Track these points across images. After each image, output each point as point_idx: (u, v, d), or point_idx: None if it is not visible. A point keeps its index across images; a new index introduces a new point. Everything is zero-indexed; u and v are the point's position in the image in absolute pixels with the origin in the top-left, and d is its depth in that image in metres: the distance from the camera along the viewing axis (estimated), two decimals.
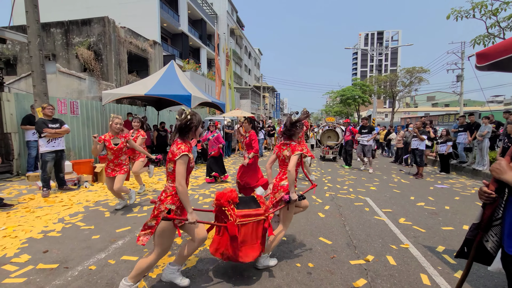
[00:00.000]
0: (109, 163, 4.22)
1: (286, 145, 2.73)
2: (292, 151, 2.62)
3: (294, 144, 2.68)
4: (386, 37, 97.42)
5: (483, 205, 1.79)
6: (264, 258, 2.64)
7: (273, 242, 2.66)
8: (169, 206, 2.10)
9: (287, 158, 2.69)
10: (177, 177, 2.07)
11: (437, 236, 3.54)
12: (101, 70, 10.79)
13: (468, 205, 5.02)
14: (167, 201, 2.12)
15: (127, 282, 2.14)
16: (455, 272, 2.65)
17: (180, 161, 2.07)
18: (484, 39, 6.44)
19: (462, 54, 22.15)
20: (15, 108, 6.70)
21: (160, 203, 2.13)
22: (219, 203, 2.42)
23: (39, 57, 5.76)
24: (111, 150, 4.13)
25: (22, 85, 9.66)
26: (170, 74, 8.60)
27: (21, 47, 11.10)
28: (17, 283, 2.37)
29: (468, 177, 7.94)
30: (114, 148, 4.14)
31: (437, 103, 55.65)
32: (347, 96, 29.36)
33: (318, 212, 4.42)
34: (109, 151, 4.14)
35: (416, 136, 7.80)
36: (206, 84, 19.42)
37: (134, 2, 19.00)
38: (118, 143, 4.18)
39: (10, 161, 6.73)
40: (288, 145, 2.71)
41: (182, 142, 2.16)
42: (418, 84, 22.71)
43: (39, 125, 5.05)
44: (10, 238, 3.27)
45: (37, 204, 4.63)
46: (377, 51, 24.80)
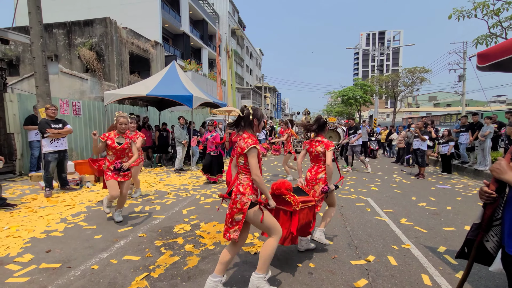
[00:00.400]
0: (109, 164, 3.75)
1: (319, 142, 3.11)
2: (326, 147, 3.05)
3: (327, 140, 3.09)
4: (387, 37, 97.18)
5: (483, 205, 1.80)
6: (320, 231, 3.01)
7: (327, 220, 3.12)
8: (250, 197, 2.19)
9: (320, 154, 3.09)
10: (252, 170, 2.17)
11: (439, 237, 3.54)
12: (103, 71, 10.84)
13: (470, 205, 5.00)
14: (247, 193, 2.20)
15: (258, 275, 2.21)
16: (456, 273, 2.65)
17: (251, 154, 2.17)
18: (486, 39, 6.42)
19: (464, 54, 22.08)
20: (18, 109, 6.74)
21: (241, 196, 2.19)
22: (280, 191, 2.61)
23: (42, 57, 5.80)
24: (113, 149, 3.72)
25: (25, 85, 9.72)
26: (171, 74, 8.63)
27: (24, 48, 11.17)
28: (20, 282, 2.39)
29: (470, 177, 7.91)
30: (117, 148, 3.73)
31: (439, 103, 55.44)
32: (348, 96, 29.33)
33: (320, 212, 4.42)
34: (110, 150, 3.74)
35: (418, 137, 7.78)
36: (208, 85, 19.45)
37: (136, 2, 19.07)
38: (122, 142, 3.80)
39: (13, 161, 6.78)
40: (321, 142, 3.10)
41: (249, 135, 2.24)
42: (419, 84, 22.64)
43: (42, 125, 5.09)
44: (13, 237, 3.30)
45: (40, 204, 4.66)
46: (379, 51, 24.76)
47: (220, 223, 3.91)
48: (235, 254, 2.31)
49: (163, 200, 5.05)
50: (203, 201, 5.06)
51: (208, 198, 5.25)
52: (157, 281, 2.45)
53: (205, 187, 6.15)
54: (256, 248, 3.09)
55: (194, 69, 19.06)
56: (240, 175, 2.26)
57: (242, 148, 2.18)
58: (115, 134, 3.80)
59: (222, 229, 3.66)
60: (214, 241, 3.28)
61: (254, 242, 3.28)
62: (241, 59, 38.23)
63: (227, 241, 3.26)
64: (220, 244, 3.20)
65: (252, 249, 3.06)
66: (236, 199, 2.19)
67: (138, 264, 2.72)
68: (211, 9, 30.49)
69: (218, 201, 5.07)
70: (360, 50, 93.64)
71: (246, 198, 2.17)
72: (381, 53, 24.80)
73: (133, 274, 2.53)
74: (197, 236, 3.44)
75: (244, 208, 2.16)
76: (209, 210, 4.51)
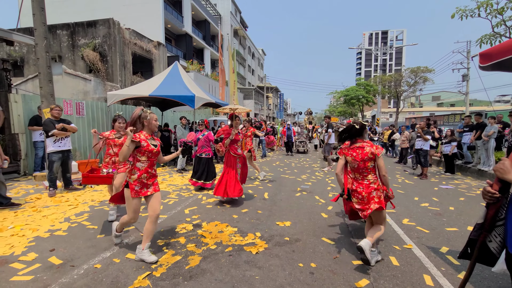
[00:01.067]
0: (140, 174, 2.82)
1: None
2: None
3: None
4: (390, 37, 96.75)
5: (486, 205, 1.79)
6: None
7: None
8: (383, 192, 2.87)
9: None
10: (383, 169, 2.77)
11: (441, 237, 3.52)
12: (106, 71, 10.91)
13: (473, 206, 4.97)
14: (381, 188, 2.86)
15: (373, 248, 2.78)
16: (458, 273, 2.64)
17: (381, 157, 2.80)
18: (490, 38, 6.38)
19: (468, 53, 21.91)
20: (22, 109, 6.81)
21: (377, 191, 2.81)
22: None
23: (46, 58, 5.86)
24: (149, 153, 2.85)
25: (29, 86, 9.82)
26: (174, 75, 8.66)
27: (28, 49, 11.28)
28: (25, 281, 2.42)
29: (474, 177, 7.85)
30: (154, 151, 2.88)
31: (442, 103, 55.08)
32: (351, 96, 29.25)
33: (321, 213, 4.43)
34: (144, 155, 2.83)
35: (420, 136, 7.74)
36: (210, 85, 19.51)
37: (139, 3, 19.17)
38: (156, 144, 2.99)
39: (17, 161, 6.85)
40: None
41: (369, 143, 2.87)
42: (423, 84, 22.53)
43: (47, 125, 5.14)
44: (17, 236, 3.34)
45: (44, 203, 4.71)
46: (381, 50, 24.65)
47: (221, 222, 3.92)
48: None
49: (165, 200, 5.08)
50: (205, 201, 5.08)
51: (210, 198, 5.27)
52: (159, 280, 2.46)
53: (207, 188, 6.16)
54: (258, 248, 3.10)
55: (197, 70, 19.12)
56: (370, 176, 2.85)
57: (374, 153, 2.76)
58: (147, 134, 2.91)
59: (223, 229, 3.67)
60: (216, 241, 3.29)
61: (256, 242, 3.29)
62: (243, 59, 38.26)
63: (228, 242, 3.27)
64: (221, 244, 3.22)
65: (253, 249, 3.06)
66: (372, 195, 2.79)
67: (141, 263, 2.74)
68: (214, 9, 30.55)
69: (220, 201, 5.08)
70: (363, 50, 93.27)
71: (385, 192, 2.85)
72: (384, 53, 24.68)
73: (135, 273, 2.56)
74: (199, 235, 3.46)
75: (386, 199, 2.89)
76: (211, 210, 4.53)
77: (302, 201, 5.15)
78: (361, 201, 2.84)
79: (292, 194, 5.65)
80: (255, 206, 4.77)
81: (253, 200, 5.13)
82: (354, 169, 2.91)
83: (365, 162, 2.81)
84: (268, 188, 6.14)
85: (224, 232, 3.56)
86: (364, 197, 2.81)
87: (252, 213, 4.38)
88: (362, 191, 2.82)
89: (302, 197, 5.41)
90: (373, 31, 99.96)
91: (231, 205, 4.80)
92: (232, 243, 3.25)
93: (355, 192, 2.87)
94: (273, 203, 4.94)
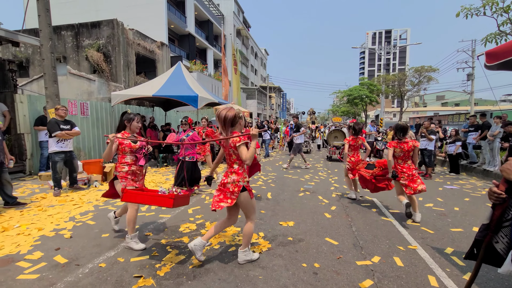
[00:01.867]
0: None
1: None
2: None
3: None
4: (394, 36, 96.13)
5: (492, 206, 1.77)
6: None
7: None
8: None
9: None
10: (416, 155, 4.14)
11: (446, 238, 3.49)
12: (110, 72, 10.98)
13: (479, 206, 4.92)
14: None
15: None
16: (464, 274, 2.62)
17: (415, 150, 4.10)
18: (496, 37, 6.30)
19: (473, 52, 21.70)
20: (28, 109, 6.88)
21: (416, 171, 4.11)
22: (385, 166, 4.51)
23: (51, 59, 5.91)
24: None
25: (34, 86, 9.92)
26: (177, 75, 8.70)
27: (33, 50, 11.39)
28: (31, 279, 2.44)
29: (479, 177, 7.77)
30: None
31: (447, 103, 54.57)
32: (354, 96, 29.11)
33: (325, 213, 4.41)
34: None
35: (425, 136, 7.68)
36: (213, 85, 19.54)
37: (142, 4, 19.26)
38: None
39: (23, 161, 6.93)
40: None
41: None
42: (427, 83, 22.33)
43: (51, 125, 5.20)
44: (23, 235, 3.37)
45: (49, 203, 4.76)
46: (385, 50, 24.50)
47: None
48: None
49: None
50: (208, 201, 5.09)
51: None
52: (163, 279, 2.48)
53: (210, 187, 6.18)
54: (261, 248, 3.10)
55: (200, 70, 19.16)
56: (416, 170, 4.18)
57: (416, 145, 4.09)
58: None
59: (227, 229, 3.68)
60: (219, 241, 3.30)
61: (259, 241, 3.29)
62: (246, 59, 38.27)
63: (232, 241, 3.29)
64: (225, 244, 3.22)
65: (257, 249, 3.07)
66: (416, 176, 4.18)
67: (145, 263, 2.75)
68: (216, 9, 30.60)
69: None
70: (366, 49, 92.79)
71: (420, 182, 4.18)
72: (387, 52, 24.53)
73: (139, 272, 2.57)
74: (202, 235, 3.46)
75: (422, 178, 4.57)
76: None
77: (305, 201, 5.14)
78: (407, 177, 4.04)
79: (295, 194, 5.65)
80: (258, 206, 4.77)
81: (256, 200, 5.13)
82: (400, 157, 4.14)
83: (408, 152, 4.07)
84: (271, 188, 6.13)
85: (227, 232, 3.57)
86: (409, 175, 4.03)
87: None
88: (407, 171, 4.06)
89: (305, 197, 5.40)
90: (377, 30, 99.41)
91: None
92: (235, 243, 3.25)
93: (402, 172, 4.08)
94: (276, 203, 4.94)
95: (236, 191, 2.55)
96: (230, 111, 2.57)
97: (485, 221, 1.81)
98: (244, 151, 2.47)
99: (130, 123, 3.17)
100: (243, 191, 2.58)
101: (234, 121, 2.57)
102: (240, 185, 2.56)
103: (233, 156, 2.61)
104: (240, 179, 2.57)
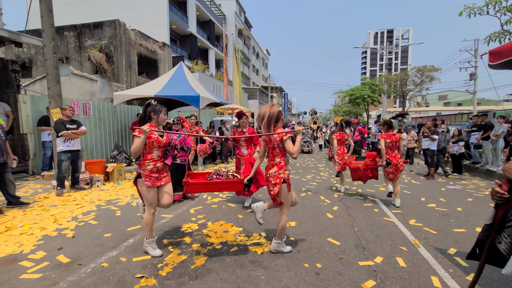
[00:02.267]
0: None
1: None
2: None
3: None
4: (396, 36, 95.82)
5: (495, 206, 1.76)
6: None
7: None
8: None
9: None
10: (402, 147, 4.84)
11: (449, 238, 3.47)
12: (112, 72, 11.02)
13: (482, 207, 4.89)
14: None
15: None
16: (467, 275, 2.60)
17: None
18: (499, 36, 6.25)
19: (476, 52, 21.58)
20: (30, 110, 6.92)
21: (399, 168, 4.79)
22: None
23: (53, 59, 5.94)
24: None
25: (37, 87, 9.96)
26: (179, 75, 8.71)
27: (36, 51, 11.46)
28: (34, 279, 2.45)
29: (482, 178, 7.73)
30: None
31: (449, 102, 54.29)
32: (356, 96, 28.98)
33: (327, 213, 4.40)
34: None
35: (427, 136, 7.64)
36: (214, 85, 19.55)
37: (144, 4, 19.31)
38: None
39: (26, 161, 6.96)
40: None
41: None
42: (429, 83, 22.24)
43: (57, 125, 5.25)
44: (26, 235, 3.39)
45: (52, 202, 4.78)
46: (387, 49, 24.41)
47: (227, 222, 3.93)
48: None
49: None
50: (210, 200, 5.10)
51: (215, 198, 5.29)
52: (165, 279, 2.48)
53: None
54: (263, 248, 3.10)
55: (201, 70, 19.18)
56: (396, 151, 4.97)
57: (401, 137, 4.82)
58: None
59: (229, 229, 3.68)
60: (221, 241, 3.30)
61: (261, 242, 3.28)
62: (248, 59, 38.27)
63: (234, 242, 3.29)
64: (227, 244, 3.22)
65: (258, 249, 3.06)
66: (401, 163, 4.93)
67: (147, 263, 2.76)
68: (218, 9, 30.63)
69: (225, 200, 5.09)
70: (368, 49, 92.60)
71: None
72: (389, 52, 24.44)
73: (141, 272, 2.57)
74: (204, 235, 3.47)
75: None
76: (215, 210, 4.54)
77: (307, 201, 5.13)
78: (393, 166, 4.74)
79: (297, 194, 5.63)
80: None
81: (258, 200, 5.12)
82: (389, 147, 4.81)
83: (396, 142, 4.79)
84: None
85: (229, 232, 3.57)
86: (395, 164, 4.74)
87: None
88: (393, 160, 4.74)
89: (307, 197, 5.39)
90: (379, 30, 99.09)
91: (236, 205, 4.81)
92: (237, 243, 3.25)
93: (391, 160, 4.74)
94: None
95: (278, 183, 2.77)
96: (273, 108, 2.80)
97: (488, 221, 1.80)
98: (291, 145, 2.71)
99: (158, 115, 2.85)
100: (284, 183, 2.78)
101: (278, 117, 2.80)
102: (281, 177, 2.78)
103: (276, 149, 2.83)
104: (281, 172, 2.79)
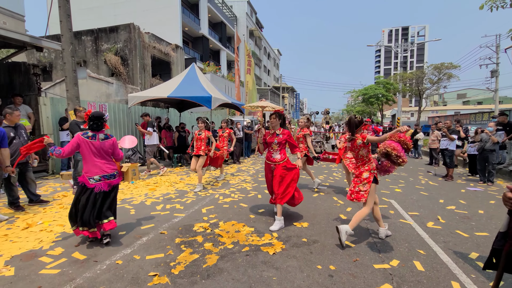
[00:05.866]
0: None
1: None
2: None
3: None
4: (411, 33, 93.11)
5: (508, 212, 1.66)
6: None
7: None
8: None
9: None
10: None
11: (470, 242, 3.32)
12: (127, 74, 11.31)
13: (505, 209, 4.63)
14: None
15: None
16: (490, 281, 2.46)
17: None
18: None
19: (497, 47, 20.62)
20: (50, 112, 7.20)
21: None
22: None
23: (72, 63, 6.15)
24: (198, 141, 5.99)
25: (57, 90, 10.36)
26: (191, 76, 8.82)
27: (56, 55, 11.93)
28: (52, 274, 2.53)
29: (505, 179, 7.36)
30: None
31: (468, 101, 52.20)
32: (369, 95, 28.41)
33: (340, 214, 4.31)
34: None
35: (446, 136, 7.37)
36: (226, 86, 19.70)
37: (158, 8, 19.72)
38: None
39: (46, 161, 7.24)
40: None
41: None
42: (447, 81, 21.48)
43: (72, 126, 5.41)
44: (46, 232, 3.51)
45: (70, 201, 4.92)
46: (402, 47, 23.76)
47: (238, 222, 3.93)
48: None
49: (183, 199, 5.16)
50: (222, 200, 5.11)
51: (227, 197, 5.30)
52: (178, 277, 2.49)
53: (223, 187, 6.21)
54: (275, 248, 3.07)
55: (213, 71, 19.38)
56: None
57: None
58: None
59: (240, 229, 3.67)
60: (232, 240, 3.29)
61: (273, 242, 3.25)
62: (259, 60, 38.29)
63: (245, 241, 3.27)
64: (238, 244, 3.21)
65: (270, 250, 3.03)
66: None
67: (160, 261, 2.79)
68: (229, 11, 30.83)
69: (237, 200, 5.09)
70: (382, 47, 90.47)
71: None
72: (404, 50, 23.77)
73: (155, 270, 2.61)
74: (216, 235, 3.48)
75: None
76: (227, 210, 4.55)
77: (320, 202, 5.05)
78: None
79: (309, 194, 5.56)
80: (272, 206, 4.72)
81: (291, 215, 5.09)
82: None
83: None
84: None
85: (241, 232, 3.56)
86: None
87: (269, 213, 4.35)
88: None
89: (320, 198, 5.30)
90: (393, 28, 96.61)
91: (248, 205, 4.80)
92: (249, 243, 3.23)
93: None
94: None
95: (371, 180, 3.15)
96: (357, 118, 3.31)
97: (502, 229, 1.70)
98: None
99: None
100: (374, 181, 3.17)
101: (360, 123, 3.28)
102: (374, 173, 3.19)
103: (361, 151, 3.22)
104: (371, 169, 3.20)
